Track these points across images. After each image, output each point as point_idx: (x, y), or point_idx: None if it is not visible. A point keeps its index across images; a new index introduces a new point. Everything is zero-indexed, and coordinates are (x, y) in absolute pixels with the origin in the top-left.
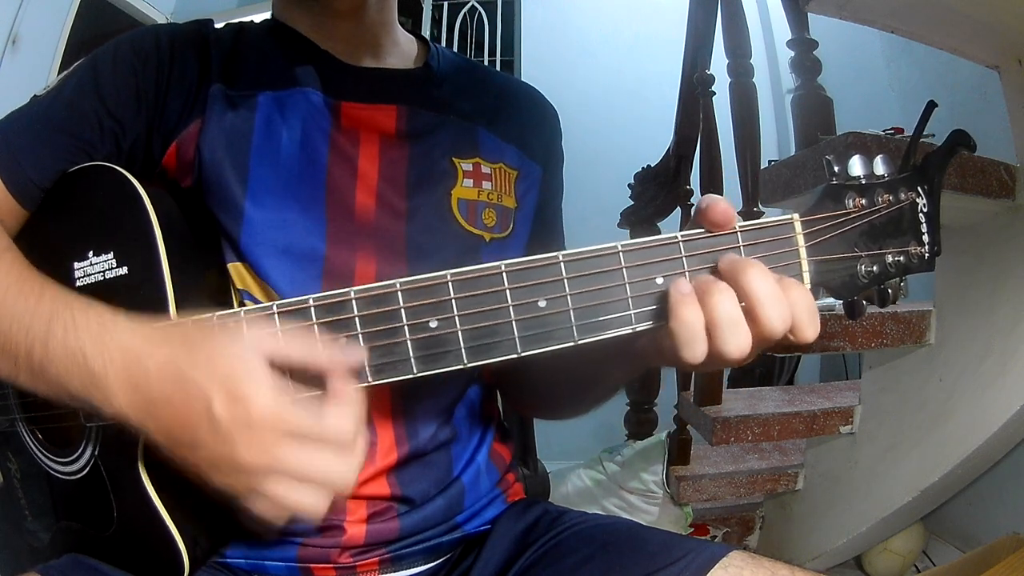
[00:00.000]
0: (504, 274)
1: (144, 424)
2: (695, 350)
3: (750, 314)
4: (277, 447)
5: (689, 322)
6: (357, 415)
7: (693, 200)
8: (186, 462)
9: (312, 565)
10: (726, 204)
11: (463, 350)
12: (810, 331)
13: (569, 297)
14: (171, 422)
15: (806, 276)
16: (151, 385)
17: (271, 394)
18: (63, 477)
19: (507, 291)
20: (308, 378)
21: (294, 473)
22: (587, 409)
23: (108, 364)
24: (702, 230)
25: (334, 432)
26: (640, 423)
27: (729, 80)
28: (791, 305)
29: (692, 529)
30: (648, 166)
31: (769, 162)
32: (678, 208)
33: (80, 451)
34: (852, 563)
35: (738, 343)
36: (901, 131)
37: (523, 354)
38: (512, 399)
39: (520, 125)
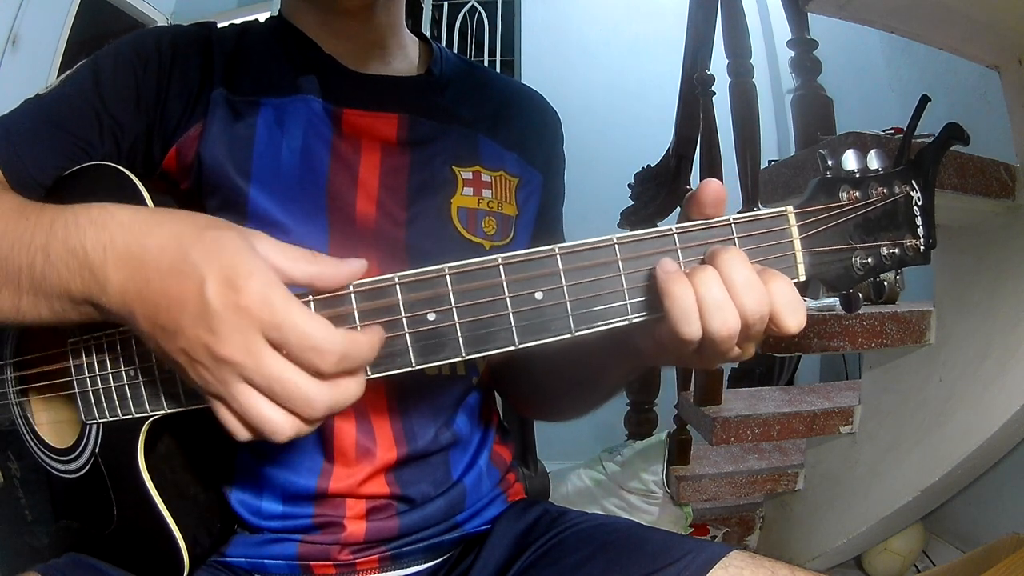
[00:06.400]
0: (501, 267)
1: (130, 308)
2: (690, 327)
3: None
4: (256, 345)
5: (679, 296)
6: (361, 353)
7: None
8: (165, 352)
9: (312, 563)
10: (717, 184)
11: (461, 342)
12: (790, 321)
13: (565, 289)
14: (159, 301)
15: (801, 268)
16: (147, 260)
17: (267, 288)
18: (63, 475)
19: (504, 283)
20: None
21: (266, 379)
22: (587, 410)
23: (108, 246)
24: (696, 222)
25: (320, 348)
26: (640, 423)
27: (729, 80)
28: (770, 293)
29: (692, 529)
30: (648, 166)
31: (769, 162)
32: (678, 208)
33: (80, 449)
34: (852, 563)
35: (724, 319)
36: (901, 131)
37: (520, 346)
38: (513, 400)
39: (521, 131)
